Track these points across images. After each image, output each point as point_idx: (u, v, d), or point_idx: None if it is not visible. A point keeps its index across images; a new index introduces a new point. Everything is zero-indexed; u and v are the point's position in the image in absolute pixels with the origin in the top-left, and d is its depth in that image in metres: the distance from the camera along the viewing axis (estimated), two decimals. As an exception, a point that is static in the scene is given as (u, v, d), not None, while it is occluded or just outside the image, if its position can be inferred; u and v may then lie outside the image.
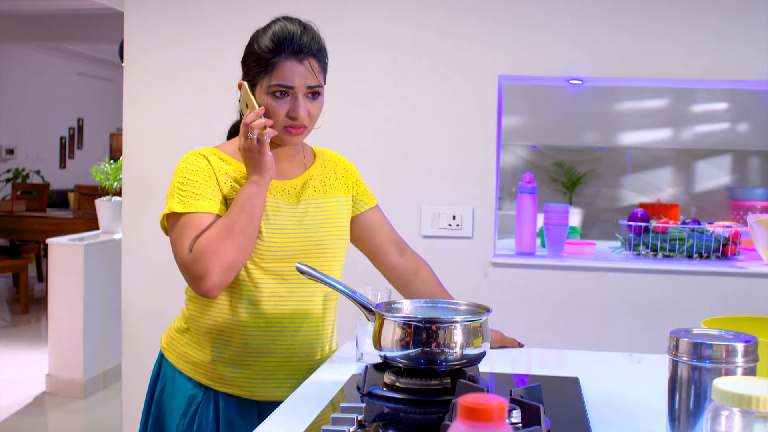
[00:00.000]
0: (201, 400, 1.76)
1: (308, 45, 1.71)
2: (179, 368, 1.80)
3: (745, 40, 2.88)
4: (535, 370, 1.83)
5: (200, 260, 1.62)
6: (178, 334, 1.83)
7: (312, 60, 1.72)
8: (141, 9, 3.18)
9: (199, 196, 1.69)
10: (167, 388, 1.81)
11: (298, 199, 1.81)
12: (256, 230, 1.68)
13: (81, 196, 8.58)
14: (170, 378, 1.81)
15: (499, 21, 2.98)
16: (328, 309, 1.86)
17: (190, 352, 1.79)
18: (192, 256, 1.64)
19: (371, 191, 1.99)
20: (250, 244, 1.67)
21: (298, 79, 1.70)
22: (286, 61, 1.69)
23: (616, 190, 7.09)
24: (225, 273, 1.63)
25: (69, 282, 4.69)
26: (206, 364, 1.77)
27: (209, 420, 1.75)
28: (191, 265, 1.63)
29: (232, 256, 1.63)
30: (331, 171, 1.91)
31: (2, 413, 4.40)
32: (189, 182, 1.70)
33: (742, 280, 2.91)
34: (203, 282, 1.62)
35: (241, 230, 1.64)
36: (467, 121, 3.01)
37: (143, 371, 3.16)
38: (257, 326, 1.75)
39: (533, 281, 3.00)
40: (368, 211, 1.95)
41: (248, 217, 1.65)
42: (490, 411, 0.72)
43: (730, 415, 0.96)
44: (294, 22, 1.74)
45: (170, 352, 1.83)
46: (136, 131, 3.22)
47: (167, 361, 1.83)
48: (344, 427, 1.20)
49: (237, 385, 1.76)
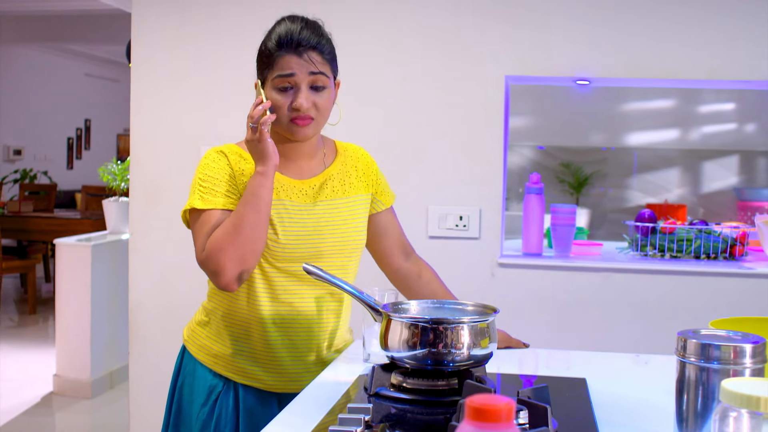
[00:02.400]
0: (221, 390, 1.81)
1: (307, 38, 1.74)
2: (200, 360, 1.84)
3: (753, 40, 2.87)
4: (542, 370, 1.83)
5: (212, 257, 1.67)
6: (199, 327, 1.88)
7: (312, 52, 1.74)
8: (148, 10, 3.19)
9: (218, 194, 1.74)
10: (188, 379, 1.86)
11: (315, 199, 1.82)
12: (263, 220, 1.69)
13: (88, 197, 8.60)
14: (191, 369, 1.86)
15: (507, 21, 2.98)
16: (343, 305, 1.88)
17: (210, 344, 1.84)
18: (205, 253, 1.69)
19: (390, 188, 2.00)
20: (260, 235, 1.69)
21: (298, 67, 1.73)
22: (286, 55, 1.74)
23: (623, 191, 7.07)
24: (237, 267, 1.66)
25: (76, 282, 4.70)
26: (226, 357, 1.81)
27: (229, 409, 1.80)
28: (205, 262, 1.69)
29: (241, 250, 1.66)
30: (352, 168, 1.91)
31: (10, 413, 4.41)
32: (209, 179, 1.76)
33: (750, 281, 2.90)
34: (219, 278, 1.67)
35: (248, 223, 1.67)
36: (474, 122, 3.01)
37: (150, 371, 3.17)
38: (274, 323, 1.79)
39: (540, 282, 2.99)
40: (382, 213, 1.96)
41: (253, 209, 1.68)
42: (498, 412, 0.72)
43: (738, 417, 0.96)
44: (297, 20, 1.78)
45: (191, 345, 1.88)
46: (143, 132, 3.22)
47: (189, 353, 1.88)
48: (351, 427, 1.21)
49: (257, 378, 1.81)
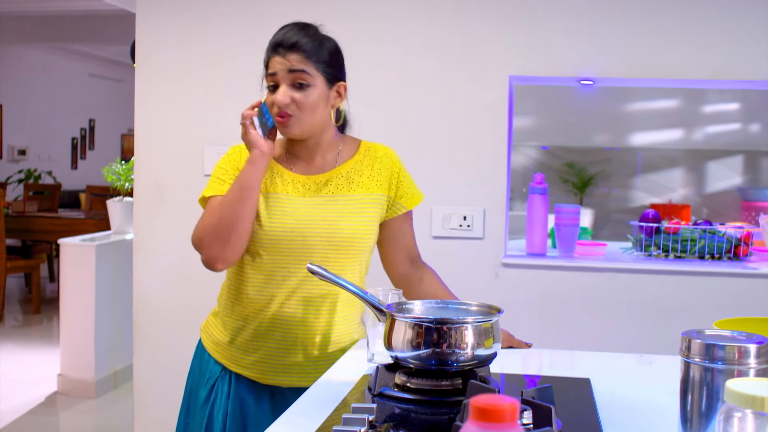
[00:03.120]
0: (218, 377, 1.91)
1: (288, 38, 1.81)
2: (206, 347, 1.96)
3: (757, 40, 2.87)
4: (546, 371, 1.83)
5: (195, 236, 1.82)
6: (212, 317, 1.99)
7: (291, 51, 1.80)
8: (152, 10, 3.19)
9: (222, 182, 1.86)
10: (197, 362, 1.98)
11: (315, 194, 1.85)
12: (247, 204, 1.78)
13: (92, 197, 8.60)
14: (200, 354, 1.98)
15: (510, 21, 2.98)
16: (334, 303, 1.87)
17: (215, 332, 1.94)
18: (193, 233, 1.83)
19: (416, 189, 1.97)
20: (242, 218, 1.77)
21: (278, 65, 1.80)
22: (272, 56, 1.83)
23: (627, 191, 7.07)
24: (217, 247, 1.78)
25: (80, 282, 4.71)
26: (224, 345, 1.90)
27: (223, 395, 1.89)
28: (193, 241, 1.83)
29: (221, 230, 1.77)
30: (367, 167, 1.91)
31: (14, 413, 4.42)
32: (220, 170, 1.88)
33: (755, 281, 2.90)
34: (202, 256, 1.81)
35: (229, 204, 1.78)
36: (478, 122, 3.01)
37: (154, 371, 3.17)
38: (264, 313, 1.85)
39: (544, 282, 2.99)
40: (398, 219, 1.95)
41: (237, 192, 1.78)
42: (502, 412, 0.72)
43: (743, 417, 0.95)
44: (290, 25, 1.85)
45: (204, 332, 1.99)
46: (147, 132, 3.23)
47: (201, 341, 2.00)
48: (355, 427, 1.21)
49: (246, 367, 1.88)
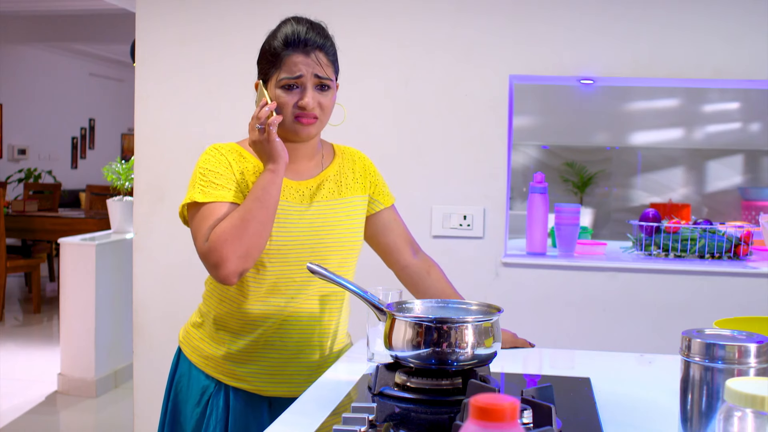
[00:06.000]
0: (212, 392, 1.83)
1: (314, 39, 1.75)
2: (193, 361, 1.86)
3: (758, 39, 2.87)
4: (547, 370, 1.83)
5: (216, 249, 1.66)
6: (193, 329, 1.89)
7: (319, 52, 1.76)
8: (153, 9, 3.19)
9: (219, 186, 1.74)
10: (183, 379, 1.88)
11: (311, 200, 1.82)
12: (271, 217, 1.69)
13: (93, 196, 8.60)
14: (186, 370, 1.88)
15: (511, 21, 2.98)
16: (335, 308, 1.87)
17: (202, 346, 1.85)
18: (208, 244, 1.67)
19: (389, 190, 2.00)
20: (266, 231, 1.69)
21: (305, 68, 1.74)
22: (293, 54, 1.74)
23: (627, 190, 7.07)
24: (240, 260, 1.66)
25: (81, 281, 4.71)
26: (217, 359, 1.83)
27: (219, 409, 1.81)
28: (208, 254, 1.67)
29: (246, 244, 1.66)
30: (349, 170, 1.92)
31: (14, 412, 4.42)
32: (210, 173, 1.75)
33: (755, 280, 2.90)
34: (220, 270, 1.66)
35: (255, 218, 1.67)
36: (478, 121, 3.01)
37: (155, 370, 3.17)
38: (265, 324, 1.79)
39: (544, 281, 2.99)
40: (383, 211, 1.96)
41: (262, 205, 1.68)
42: (502, 411, 0.72)
43: (743, 416, 0.95)
44: (302, 21, 1.79)
45: (186, 346, 1.89)
46: (147, 131, 3.23)
47: (183, 354, 1.89)
48: (355, 426, 1.21)
49: (245, 380, 1.81)
